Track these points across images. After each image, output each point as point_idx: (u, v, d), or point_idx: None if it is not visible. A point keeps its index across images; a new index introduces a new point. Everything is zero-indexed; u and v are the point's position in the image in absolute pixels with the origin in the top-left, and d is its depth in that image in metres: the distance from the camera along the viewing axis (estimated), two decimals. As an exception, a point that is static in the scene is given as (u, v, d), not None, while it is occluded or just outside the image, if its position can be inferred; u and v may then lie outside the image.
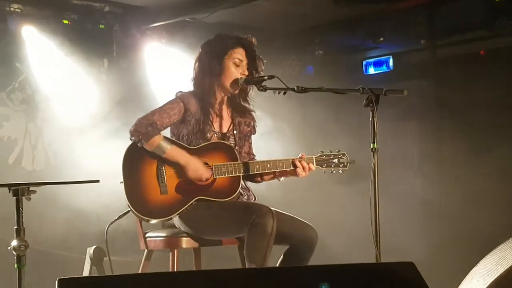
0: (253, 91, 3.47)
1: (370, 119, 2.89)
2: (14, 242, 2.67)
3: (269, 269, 2.73)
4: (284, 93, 3.16)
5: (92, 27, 5.56)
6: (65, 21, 5.45)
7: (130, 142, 3.30)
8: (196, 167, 3.24)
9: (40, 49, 5.40)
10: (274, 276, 2.28)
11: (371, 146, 2.89)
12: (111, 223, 3.38)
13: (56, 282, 2.04)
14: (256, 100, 3.51)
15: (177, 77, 5.26)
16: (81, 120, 5.58)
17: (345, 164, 3.41)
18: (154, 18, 5.56)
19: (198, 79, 3.44)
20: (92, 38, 5.59)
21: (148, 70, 5.86)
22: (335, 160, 3.40)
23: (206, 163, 3.30)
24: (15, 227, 2.67)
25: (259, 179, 3.49)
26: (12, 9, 5.22)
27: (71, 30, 5.48)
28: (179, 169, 3.27)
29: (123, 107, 5.57)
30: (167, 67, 5.75)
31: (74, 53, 5.49)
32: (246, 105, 3.49)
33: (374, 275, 2.26)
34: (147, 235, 3.45)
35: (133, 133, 3.26)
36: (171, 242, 3.34)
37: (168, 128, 3.43)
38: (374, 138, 2.87)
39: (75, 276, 2.11)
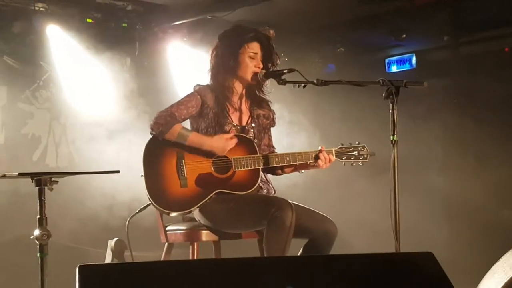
0: (269, 82, 3.47)
1: (390, 111, 2.88)
2: (37, 232, 2.71)
3: (287, 258, 2.72)
4: (304, 86, 3.16)
5: (115, 25, 5.63)
6: (89, 20, 5.53)
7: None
8: (222, 145, 3.25)
9: (64, 47, 5.48)
10: (292, 265, 2.28)
11: (391, 138, 2.87)
12: (132, 216, 3.41)
13: (77, 269, 2.05)
14: (277, 93, 3.51)
15: (199, 75, 5.28)
16: (103, 118, 5.64)
17: (365, 156, 3.38)
18: (176, 17, 5.60)
19: (214, 72, 3.46)
20: (115, 36, 5.66)
21: (170, 68, 5.91)
22: (355, 153, 3.38)
23: (225, 156, 3.31)
24: (38, 216, 2.72)
25: (279, 171, 3.49)
26: (36, 8, 5.31)
27: (95, 29, 5.55)
28: (200, 159, 3.28)
29: (146, 105, 5.62)
30: (188, 65, 5.79)
31: (97, 51, 5.56)
32: (262, 95, 3.49)
33: (393, 265, 2.24)
34: (167, 228, 3.47)
35: (153, 126, 3.29)
36: (191, 235, 3.35)
37: (188, 123, 3.46)
38: (393, 130, 2.86)
39: (96, 263, 2.13)
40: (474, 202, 5.33)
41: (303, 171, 3.46)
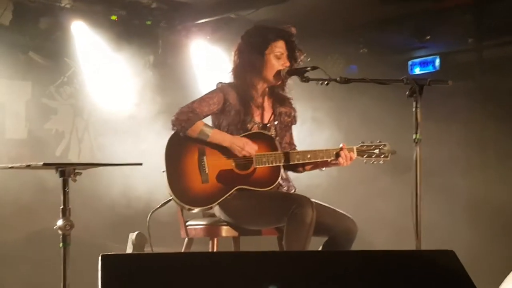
0: (292, 81, 3.47)
1: (413, 109, 2.86)
2: (60, 222, 2.74)
3: (307, 253, 2.72)
4: (327, 84, 3.16)
5: (139, 23, 5.68)
6: (113, 17, 5.58)
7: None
8: (242, 145, 3.27)
9: (89, 44, 5.54)
10: (313, 260, 2.28)
11: (414, 136, 2.86)
12: (153, 211, 3.43)
13: (100, 258, 2.07)
14: (299, 92, 3.52)
15: (222, 73, 5.31)
16: (126, 115, 5.69)
17: (386, 154, 3.37)
18: (199, 15, 5.63)
19: (238, 72, 3.46)
20: (139, 34, 5.71)
21: (193, 66, 5.94)
22: (376, 151, 3.37)
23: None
24: (61, 207, 2.75)
25: (301, 169, 3.49)
26: (62, 5, 5.38)
27: (119, 26, 5.61)
28: (221, 156, 3.29)
29: (168, 103, 5.66)
30: (211, 63, 5.81)
31: (121, 48, 5.62)
32: (284, 94, 3.49)
33: (414, 262, 2.23)
34: (187, 223, 3.49)
35: (175, 122, 3.31)
36: (211, 231, 3.37)
37: (209, 120, 3.47)
38: (416, 128, 2.84)
39: (118, 253, 2.15)
40: (496, 202, 5.29)
41: (324, 168, 3.46)
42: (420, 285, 2.16)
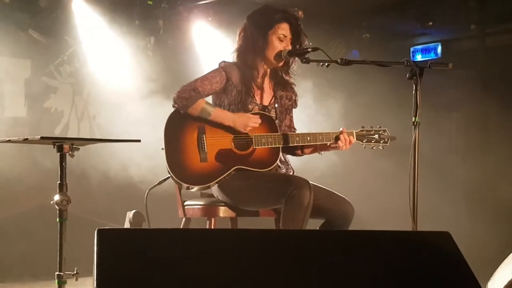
0: (295, 65, 3.46)
1: (413, 92, 2.86)
2: (57, 197, 2.74)
3: (303, 231, 2.72)
4: (328, 65, 3.15)
5: (140, 3, 5.63)
6: (115, -4, 5.54)
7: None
8: (245, 121, 3.26)
9: (89, 23, 5.50)
10: (308, 239, 2.27)
11: (413, 119, 2.85)
12: (151, 188, 3.43)
13: (96, 232, 2.07)
14: (299, 73, 3.50)
15: (223, 55, 5.29)
16: (125, 94, 5.67)
17: (386, 140, 3.37)
18: (201, -5, 5.59)
19: (241, 51, 3.45)
20: (140, 14, 5.67)
21: (194, 47, 5.91)
22: (376, 136, 3.36)
23: (246, 133, 3.31)
24: (58, 182, 2.75)
25: (299, 152, 3.49)
26: (63, -18, 5.34)
27: (120, 5, 5.56)
28: (221, 135, 3.29)
29: (168, 84, 5.64)
30: (213, 45, 5.78)
31: (122, 28, 5.58)
32: (288, 78, 3.48)
33: (409, 243, 2.23)
34: (185, 203, 3.49)
35: (176, 99, 3.30)
36: (209, 211, 3.37)
37: (210, 99, 3.46)
38: (416, 111, 2.84)
39: (114, 227, 2.15)
40: (494, 188, 5.30)
41: (323, 152, 3.45)
42: (415, 265, 2.16)
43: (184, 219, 3.50)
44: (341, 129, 3.35)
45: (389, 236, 2.27)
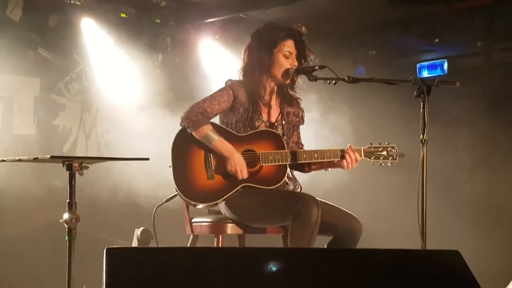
0: (300, 80, 3.47)
1: (421, 110, 2.86)
2: (66, 215, 2.75)
3: (312, 250, 2.72)
4: (335, 83, 3.16)
5: (148, 21, 5.69)
6: (123, 15, 5.60)
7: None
8: (238, 162, 3.26)
9: (98, 41, 5.55)
10: (317, 257, 2.28)
11: (421, 137, 2.86)
12: (158, 206, 3.43)
13: (104, 251, 2.08)
14: (306, 90, 3.52)
15: (230, 72, 5.32)
16: (133, 112, 5.70)
17: (394, 157, 3.37)
18: (208, 14, 5.64)
19: (247, 70, 3.47)
20: (148, 32, 5.72)
21: (201, 65, 5.94)
22: (384, 153, 3.36)
23: (253, 150, 3.33)
24: (67, 200, 2.76)
25: (307, 169, 3.49)
26: (72, 1, 5.40)
27: (128, 24, 5.62)
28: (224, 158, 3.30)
29: (176, 101, 5.66)
30: (220, 62, 5.82)
31: (130, 46, 5.62)
32: (293, 93, 3.50)
33: (419, 262, 2.23)
34: (193, 220, 3.50)
35: (184, 119, 3.32)
36: (216, 228, 3.37)
37: (218, 116, 3.48)
38: (424, 129, 2.84)
39: (123, 246, 2.16)
40: (501, 205, 5.27)
41: (329, 169, 3.45)
42: (425, 284, 2.16)
43: (191, 236, 3.51)
44: (348, 145, 3.35)
45: (399, 255, 2.27)
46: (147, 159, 2.90)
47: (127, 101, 5.75)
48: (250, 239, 3.58)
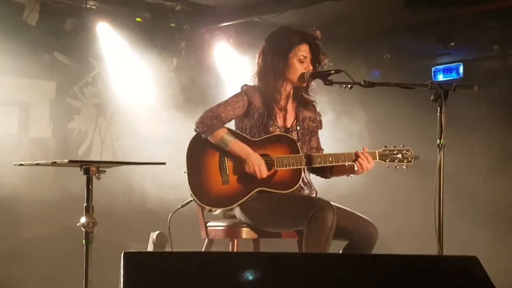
0: (314, 83, 3.47)
1: (438, 114, 2.84)
2: (83, 219, 2.76)
3: (328, 255, 2.71)
4: (351, 87, 3.15)
5: (163, 25, 5.71)
6: (138, 19, 5.62)
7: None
8: (255, 162, 3.26)
9: (113, 45, 5.58)
10: (333, 263, 2.27)
11: (438, 142, 2.84)
12: (174, 211, 3.45)
13: (122, 255, 2.09)
14: (319, 93, 3.51)
15: (244, 76, 5.33)
16: (148, 115, 5.72)
17: (409, 159, 3.35)
18: (223, 18, 5.65)
19: (262, 75, 3.47)
20: (163, 36, 5.74)
21: (216, 68, 5.96)
22: (399, 155, 3.35)
23: (267, 155, 3.32)
24: (85, 204, 2.77)
25: (329, 174, 3.48)
26: (88, 6, 5.43)
27: (143, 28, 5.64)
28: (240, 161, 3.30)
29: (190, 105, 5.67)
30: (234, 66, 5.83)
31: (145, 50, 5.65)
32: (307, 96, 3.49)
33: (437, 268, 2.22)
34: (208, 224, 3.51)
35: (198, 124, 3.33)
36: (231, 232, 3.38)
37: (233, 122, 3.48)
38: (441, 134, 2.82)
39: (140, 251, 2.17)
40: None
41: (352, 175, 3.43)
42: (442, 290, 2.14)
43: (206, 240, 3.51)
44: (362, 148, 3.33)
45: (416, 261, 2.26)
46: (164, 163, 2.91)
47: (142, 105, 5.77)
48: (264, 243, 3.58)
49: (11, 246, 4.98)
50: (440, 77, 6.28)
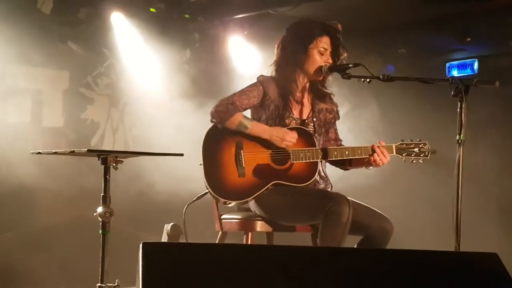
0: (331, 78, 3.44)
1: (458, 110, 2.82)
2: (100, 209, 2.76)
3: (343, 249, 2.70)
4: (369, 81, 3.13)
5: (177, 16, 5.69)
6: (152, 10, 5.60)
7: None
8: (279, 135, 3.24)
9: (127, 36, 5.57)
10: (349, 257, 2.26)
11: (457, 137, 2.81)
12: (189, 203, 3.43)
13: (140, 245, 2.09)
14: (337, 87, 3.49)
15: (258, 68, 5.31)
16: (161, 107, 5.72)
17: (426, 154, 3.32)
18: (238, 10, 5.62)
19: (280, 64, 3.44)
20: (177, 27, 5.73)
21: (230, 61, 5.94)
22: (416, 149, 3.32)
23: (284, 148, 3.30)
24: (102, 194, 2.77)
25: (348, 167, 3.46)
26: (102, -5, 5.43)
27: (157, 19, 5.62)
28: (259, 150, 3.28)
29: (204, 97, 5.66)
30: (248, 58, 5.81)
31: (158, 41, 5.63)
32: (324, 89, 3.47)
33: (456, 264, 2.20)
34: (222, 217, 3.49)
35: (213, 113, 3.30)
36: (246, 225, 3.36)
37: (249, 114, 3.47)
38: (460, 129, 2.80)
39: (158, 241, 2.17)
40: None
41: (371, 167, 3.40)
42: (462, 287, 2.13)
43: (220, 232, 3.50)
44: (378, 142, 3.31)
45: (434, 257, 2.24)
46: (181, 154, 2.90)
47: (154, 96, 5.76)
48: (278, 237, 3.57)
49: (27, 235, 5.00)
50: (455, 73, 6.23)
